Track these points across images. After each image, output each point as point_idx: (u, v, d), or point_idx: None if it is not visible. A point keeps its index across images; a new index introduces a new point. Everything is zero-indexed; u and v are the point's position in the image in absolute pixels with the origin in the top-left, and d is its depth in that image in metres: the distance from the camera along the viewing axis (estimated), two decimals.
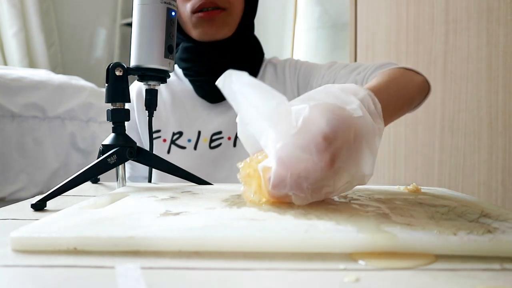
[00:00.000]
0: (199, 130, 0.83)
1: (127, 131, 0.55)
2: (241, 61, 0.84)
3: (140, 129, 0.87)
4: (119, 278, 0.23)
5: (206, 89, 0.83)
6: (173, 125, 0.84)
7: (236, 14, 0.80)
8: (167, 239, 0.27)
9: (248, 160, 0.39)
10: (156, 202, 0.40)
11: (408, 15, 1.15)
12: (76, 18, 2.61)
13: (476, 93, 0.99)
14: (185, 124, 0.83)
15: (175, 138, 0.83)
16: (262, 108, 0.37)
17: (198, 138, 0.82)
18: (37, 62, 2.31)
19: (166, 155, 0.82)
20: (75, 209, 0.36)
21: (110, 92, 0.53)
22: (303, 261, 0.26)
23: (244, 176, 0.39)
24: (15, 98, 1.46)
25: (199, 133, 0.82)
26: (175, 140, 0.83)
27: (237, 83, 0.38)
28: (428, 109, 1.10)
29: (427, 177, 1.10)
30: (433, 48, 1.08)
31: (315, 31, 1.91)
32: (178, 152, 0.82)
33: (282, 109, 0.36)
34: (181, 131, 0.83)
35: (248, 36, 0.86)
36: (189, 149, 0.82)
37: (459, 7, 1.02)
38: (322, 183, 0.35)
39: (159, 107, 0.78)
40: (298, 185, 0.35)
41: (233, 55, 0.82)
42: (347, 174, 0.37)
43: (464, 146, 1.02)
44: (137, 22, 0.52)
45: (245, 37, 0.84)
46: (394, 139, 1.19)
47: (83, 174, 0.48)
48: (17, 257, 0.26)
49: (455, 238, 0.27)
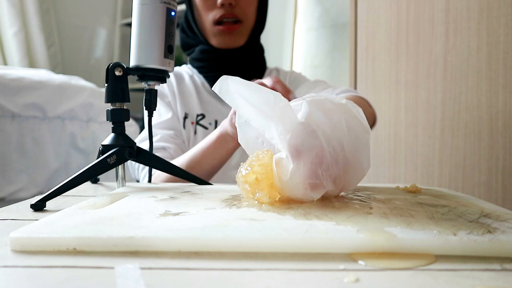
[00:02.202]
0: (216, 119, 0.92)
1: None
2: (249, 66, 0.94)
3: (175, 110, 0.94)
4: (119, 278, 0.23)
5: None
6: (197, 108, 0.92)
7: (250, 25, 0.91)
8: (166, 239, 0.27)
9: (248, 167, 0.39)
10: (155, 202, 0.40)
11: (408, 15, 1.15)
12: (76, 18, 2.61)
13: (476, 93, 0.99)
14: (205, 109, 0.92)
15: (199, 119, 0.92)
16: (261, 104, 0.38)
17: (216, 125, 0.91)
18: (37, 62, 2.30)
19: (193, 136, 0.90)
20: (74, 209, 0.36)
21: (110, 92, 0.53)
22: (303, 261, 0.26)
23: (252, 183, 0.38)
24: (15, 98, 1.46)
25: (216, 122, 0.92)
26: (199, 120, 0.92)
27: (233, 85, 0.40)
28: (428, 109, 1.09)
29: (427, 177, 1.10)
30: (433, 48, 1.08)
31: (315, 31, 1.91)
32: (203, 133, 0.90)
33: (281, 104, 0.38)
34: (203, 113, 0.92)
35: (258, 43, 0.96)
36: (210, 130, 0.89)
37: (459, 7, 1.02)
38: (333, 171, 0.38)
39: (184, 94, 0.92)
40: (313, 172, 0.37)
41: (243, 61, 0.92)
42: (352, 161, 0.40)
43: (464, 146, 1.02)
44: (137, 22, 0.52)
45: (256, 44, 0.95)
46: (394, 139, 1.18)
47: (83, 174, 0.48)
48: (16, 257, 0.26)
49: (455, 238, 0.27)
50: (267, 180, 0.38)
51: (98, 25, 2.75)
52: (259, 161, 0.39)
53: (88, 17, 2.67)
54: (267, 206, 0.36)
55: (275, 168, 0.37)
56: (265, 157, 0.39)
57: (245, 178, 0.38)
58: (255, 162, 0.39)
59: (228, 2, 0.85)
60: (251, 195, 0.39)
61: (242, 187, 0.39)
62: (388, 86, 1.19)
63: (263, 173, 0.38)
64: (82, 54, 2.67)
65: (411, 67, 1.13)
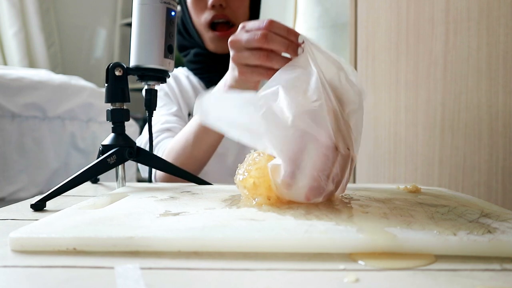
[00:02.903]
0: None
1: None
2: None
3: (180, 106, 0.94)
4: (119, 278, 0.23)
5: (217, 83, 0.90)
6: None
7: None
8: (166, 239, 0.27)
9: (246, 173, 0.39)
10: (155, 202, 0.40)
11: (408, 15, 1.15)
12: (76, 18, 2.61)
13: (476, 93, 0.99)
14: None
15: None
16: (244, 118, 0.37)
17: None
18: (37, 62, 2.30)
19: None
20: (74, 209, 0.36)
21: (110, 92, 0.53)
22: (303, 262, 0.26)
23: (251, 188, 0.38)
24: (15, 98, 1.46)
25: None
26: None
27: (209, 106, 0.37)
28: (428, 109, 1.09)
29: (427, 177, 1.10)
30: (433, 48, 1.08)
31: (315, 31, 1.91)
32: None
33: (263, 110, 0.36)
34: None
35: None
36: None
37: (459, 7, 1.02)
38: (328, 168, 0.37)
39: (187, 93, 0.92)
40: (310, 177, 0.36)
41: None
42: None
43: (464, 146, 1.02)
44: (137, 22, 0.52)
45: None
46: (394, 139, 1.18)
47: (83, 174, 0.48)
48: (16, 257, 0.26)
49: (455, 238, 0.27)
50: (265, 183, 0.37)
51: (98, 25, 2.75)
52: (255, 164, 0.38)
53: (88, 17, 2.67)
54: (267, 206, 0.36)
55: (272, 175, 0.37)
56: (262, 160, 0.38)
57: (244, 184, 0.38)
58: (252, 166, 0.38)
59: (218, 3, 0.85)
60: (251, 199, 0.39)
61: (241, 191, 0.39)
62: (388, 86, 1.19)
63: (260, 177, 0.37)
64: (82, 54, 2.67)
65: (411, 67, 1.13)
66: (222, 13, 0.86)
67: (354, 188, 0.52)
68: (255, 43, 0.50)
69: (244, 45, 0.52)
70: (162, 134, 0.83)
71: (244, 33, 0.52)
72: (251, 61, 0.52)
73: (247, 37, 0.51)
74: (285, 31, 0.49)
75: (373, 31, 1.25)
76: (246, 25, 0.53)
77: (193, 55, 0.93)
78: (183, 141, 0.72)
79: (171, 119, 0.86)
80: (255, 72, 0.53)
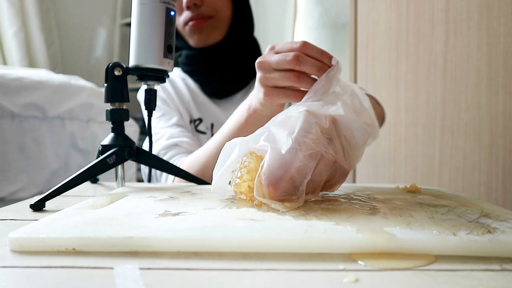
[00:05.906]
0: (212, 123, 0.91)
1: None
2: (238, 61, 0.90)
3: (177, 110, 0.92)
4: (118, 278, 0.23)
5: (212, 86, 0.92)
6: (195, 112, 0.91)
7: (224, 18, 0.87)
8: (166, 239, 0.27)
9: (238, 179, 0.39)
10: (155, 202, 0.40)
11: (408, 15, 1.15)
12: (76, 18, 2.61)
13: (476, 93, 0.99)
14: (202, 113, 0.91)
15: (197, 124, 0.91)
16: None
17: (212, 129, 0.90)
18: (37, 62, 2.30)
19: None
20: (74, 209, 0.36)
21: (109, 92, 0.53)
22: (302, 262, 0.26)
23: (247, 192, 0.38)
24: (15, 98, 1.46)
25: (212, 125, 0.90)
26: (197, 126, 0.91)
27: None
28: (428, 109, 1.09)
29: (427, 177, 1.10)
30: (433, 48, 1.08)
31: (315, 31, 1.91)
32: (201, 138, 0.89)
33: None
34: (200, 117, 0.91)
35: (242, 37, 0.91)
36: (207, 135, 0.90)
37: (459, 7, 1.02)
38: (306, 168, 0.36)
39: (185, 97, 0.91)
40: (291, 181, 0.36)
41: (229, 56, 0.89)
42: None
43: (464, 146, 1.02)
44: (136, 21, 0.52)
45: (239, 38, 0.90)
46: (394, 139, 1.18)
47: (82, 174, 0.48)
48: (15, 258, 0.26)
49: (455, 238, 0.27)
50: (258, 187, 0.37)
51: (98, 25, 2.75)
52: (246, 168, 0.38)
53: (88, 17, 2.68)
54: (267, 207, 0.36)
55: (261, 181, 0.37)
56: (251, 162, 0.38)
57: (239, 189, 0.38)
58: (243, 170, 0.38)
59: (192, 3, 0.82)
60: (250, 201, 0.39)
61: (238, 196, 0.39)
62: (388, 86, 1.19)
63: (253, 180, 0.37)
64: (82, 54, 2.67)
65: (411, 67, 1.13)
66: (197, 13, 0.83)
67: (354, 188, 0.52)
68: (286, 64, 0.48)
69: (273, 66, 0.50)
70: (170, 151, 0.79)
71: (273, 55, 0.51)
72: (280, 83, 0.51)
73: (277, 59, 0.49)
74: (318, 53, 0.48)
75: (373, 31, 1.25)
76: (275, 46, 0.52)
77: (184, 57, 0.92)
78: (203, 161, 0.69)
79: (175, 133, 0.83)
80: (282, 94, 0.52)
